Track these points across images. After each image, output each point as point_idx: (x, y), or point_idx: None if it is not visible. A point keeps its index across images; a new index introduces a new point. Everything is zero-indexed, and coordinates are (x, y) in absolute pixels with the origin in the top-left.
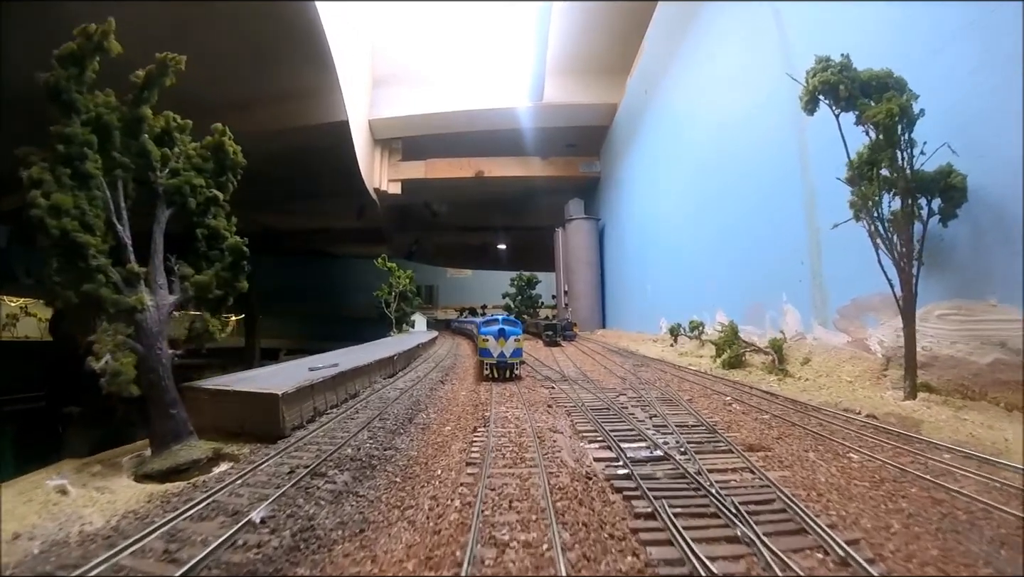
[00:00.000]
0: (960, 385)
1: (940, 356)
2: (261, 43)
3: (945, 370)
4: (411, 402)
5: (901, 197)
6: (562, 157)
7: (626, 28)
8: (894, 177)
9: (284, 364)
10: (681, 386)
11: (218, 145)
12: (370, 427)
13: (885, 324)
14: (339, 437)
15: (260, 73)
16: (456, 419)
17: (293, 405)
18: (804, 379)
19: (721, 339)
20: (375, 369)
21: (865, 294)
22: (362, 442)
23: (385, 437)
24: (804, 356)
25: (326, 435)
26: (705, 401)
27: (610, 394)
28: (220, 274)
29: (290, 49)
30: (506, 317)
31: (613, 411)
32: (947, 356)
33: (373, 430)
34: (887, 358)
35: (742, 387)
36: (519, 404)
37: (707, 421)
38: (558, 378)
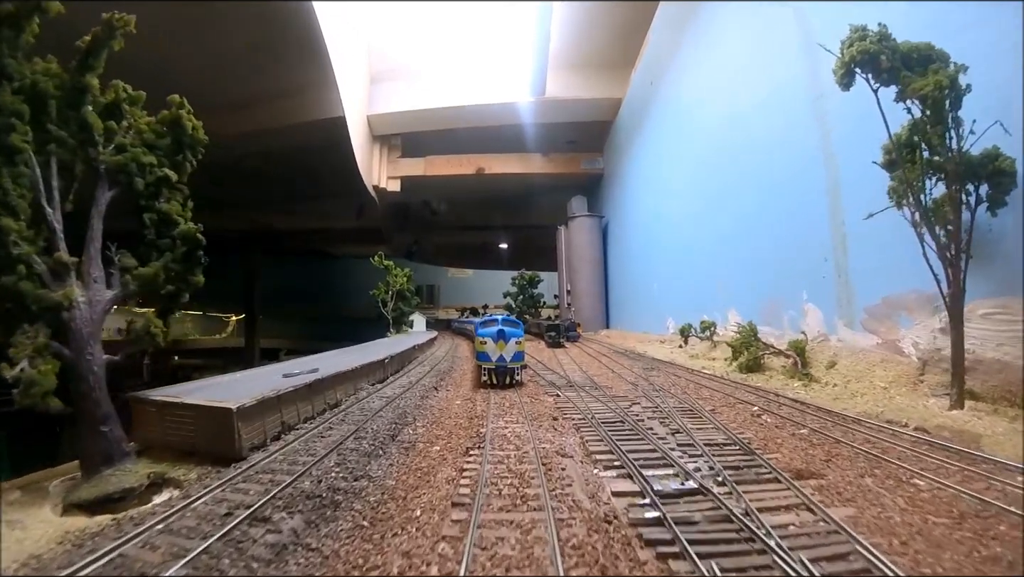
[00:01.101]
0: (1007, 392)
1: (984, 360)
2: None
3: (990, 375)
4: (397, 414)
5: (949, 182)
6: (564, 154)
7: (630, 21)
8: (941, 160)
9: (259, 369)
10: (699, 393)
11: (175, 119)
12: (342, 448)
13: (920, 324)
14: (301, 462)
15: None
16: (447, 436)
17: (253, 420)
18: (832, 385)
19: (737, 340)
20: (361, 374)
21: (897, 291)
22: (327, 470)
23: (358, 462)
24: (829, 359)
25: (287, 459)
26: (730, 412)
27: (622, 403)
28: (170, 266)
29: (285, 45)
30: (506, 317)
31: (628, 425)
32: (992, 360)
33: (345, 453)
34: (923, 361)
35: (766, 394)
36: (520, 417)
37: (738, 438)
38: (563, 384)
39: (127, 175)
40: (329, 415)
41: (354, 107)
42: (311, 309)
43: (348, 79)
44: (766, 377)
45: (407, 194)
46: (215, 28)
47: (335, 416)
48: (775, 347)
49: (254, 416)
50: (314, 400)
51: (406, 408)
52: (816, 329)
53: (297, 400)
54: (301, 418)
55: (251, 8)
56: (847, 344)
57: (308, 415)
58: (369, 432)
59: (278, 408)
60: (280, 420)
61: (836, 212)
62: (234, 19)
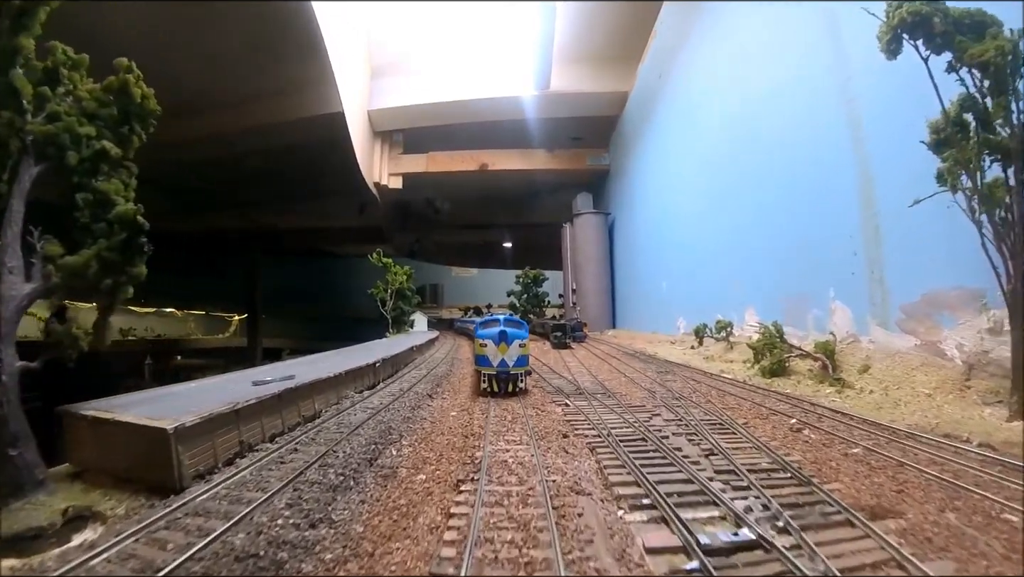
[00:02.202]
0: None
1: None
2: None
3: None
4: (380, 430)
5: (1011, 161)
6: (568, 150)
7: (636, 13)
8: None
9: (229, 375)
10: (725, 402)
11: (121, 86)
12: (303, 480)
13: (965, 324)
14: (246, 500)
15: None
16: (436, 459)
17: (199, 442)
18: (869, 391)
19: (760, 342)
20: (347, 381)
21: (939, 288)
22: (275, 515)
23: (318, 499)
24: (861, 362)
25: (230, 494)
26: (765, 425)
27: (640, 415)
28: (104, 255)
29: (282, 40)
30: (508, 317)
31: (652, 445)
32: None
33: (302, 487)
34: (968, 365)
35: (799, 403)
36: (524, 434)
37: (785, 461)
38: (572, 390)
39: (58, 148)
40: (303, 430)
41: (354, 102)
42: (313, 309)
43: (347, 74)
44: (793, 382)
45: (409, 192)
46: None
47: (307, 432)
48: (802, 349)
49: (201, 436)
50: (285, 413)
51: (393, 421)
52: (845, 329)
53: (262, 414)
54: (266, 435)
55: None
56: (881, 346)
57: (277, 431)
58: (341, 455)
59: (235, 425)
60: (238, 439)
61: (868, 202)
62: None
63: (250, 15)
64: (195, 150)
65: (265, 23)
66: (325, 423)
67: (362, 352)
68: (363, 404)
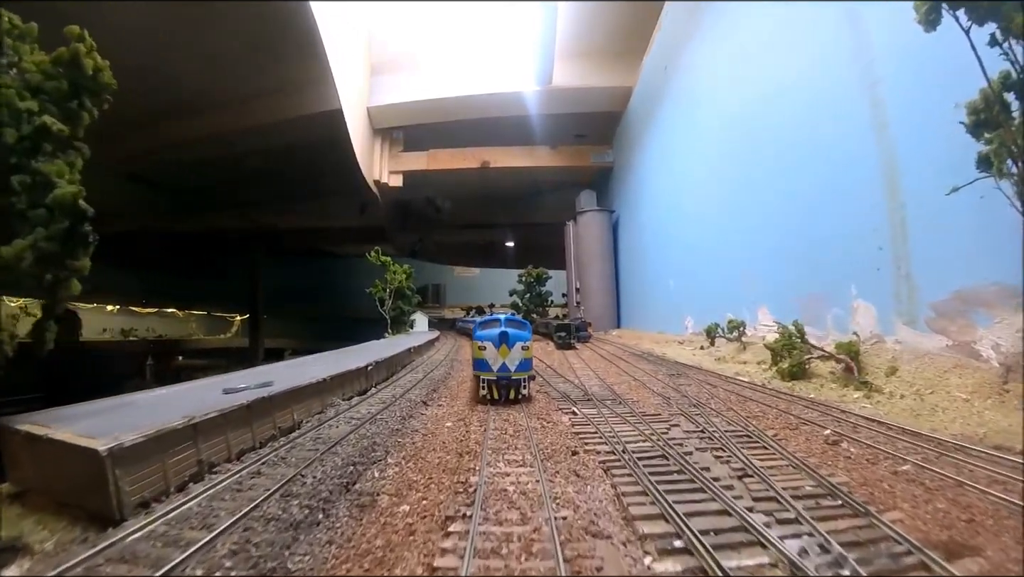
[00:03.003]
0: None
1: None
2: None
3: None
4: (363, 446)
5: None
6: (572, 146)
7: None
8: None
9: (201, 381)
10: (747, 409)
11: (72, 57)
12: (257, 515)
13: (1002, 322)
14: (183, 542)
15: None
16: (424, 484)
17: (145, 463)
18: (900, 396)
19: (778, 343)
20: (333, 387)
21: (973, 284)
22: (213, 566)
23: (273, 542)
24: (888, 364)
25: (169, 533)
26: (798, 437)
27: (657, 425)
28: (41, 245)
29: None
30: (510, 316)
31: (674, 464)
32: None
33: (255, 525)
34: (1006, 367)
35: (828, 410)
36: (527, 451)
37: (831, 484)
38: (579, 396)
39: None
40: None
41: (353, 99)
42: (315, 309)
43: (346, 71)
44: (815, 386)
45: (410, 191)
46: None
47: (278, 450)
48: (824, 350)
49: (147, 457)
50: (256, 426)
51: (379, 435)
52: (868, 329)
53: (228, 427)
54: (233, 453)
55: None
56: (908, 346)
57: (246, 446)
58: (311, 481)
59: (193, 441)
60: (197, 458)
61: (893, 193)
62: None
63: (249, 14)
64: (195, 150)
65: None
66: (302, 437)
67: (356, 354)
68: (349, 413)
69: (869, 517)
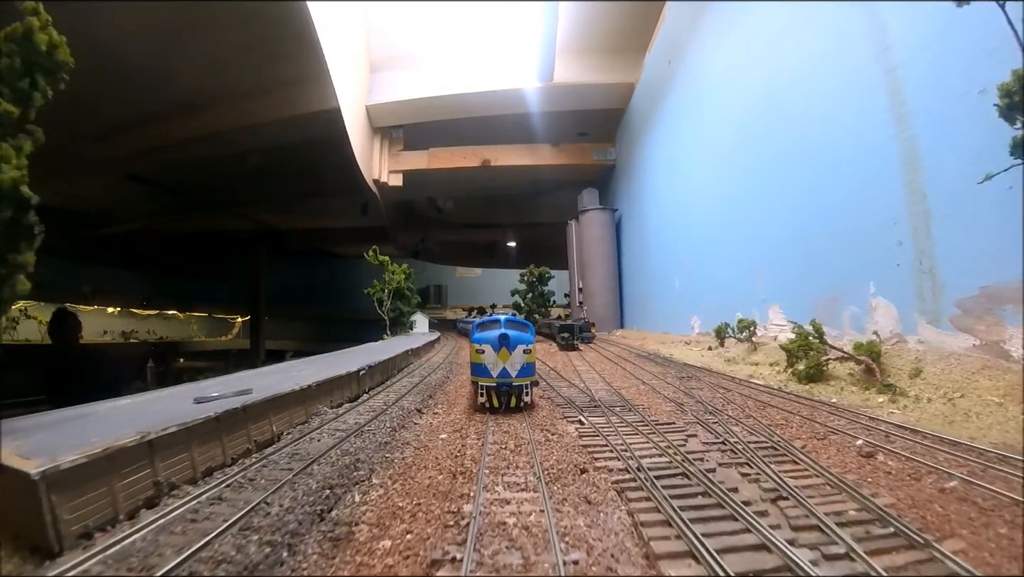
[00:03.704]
0: None
1: None
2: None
3: None
4: (345, 464)
5: None
6: (574, 144)
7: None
8: None
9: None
10: (767, 416)
11: (25, 33)
12: (206, 556)
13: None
14: None
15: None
16: (411, 513)
17: (89, 487)
18: (927, 399)
19: (795, 343)
20: (319, 394)
21: (1002, 280)
22: None
23: None
24: (911, 365)
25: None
26: (828, 449)
27: (672, 436)
28: None
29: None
30: (510, 317)
31: (698, 484)
32: None
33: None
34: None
35: (855, 416)
36: (529, 470)
37: (878, 506)
38: (586, 402)
39: None
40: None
41: (351, 97)
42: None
43: (344, 68)
44: (835, 389)
45: (411, 190)
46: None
47: (251, 467)
48: (843, 351)
49: (91, 480)
50: (228, 439)
51: (365, 450)
52: (888, 329)
53: (193, 443)
54: (199, 471)
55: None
56: (932, 346)
57: (215, 463)
58: (278, 509)
59: (149, 460)
60: (153, 479)
61: (914, 184)
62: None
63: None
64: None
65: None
66: (278, 452)
67: (349, 358)
68: (335, 424)
69: (929, 549)
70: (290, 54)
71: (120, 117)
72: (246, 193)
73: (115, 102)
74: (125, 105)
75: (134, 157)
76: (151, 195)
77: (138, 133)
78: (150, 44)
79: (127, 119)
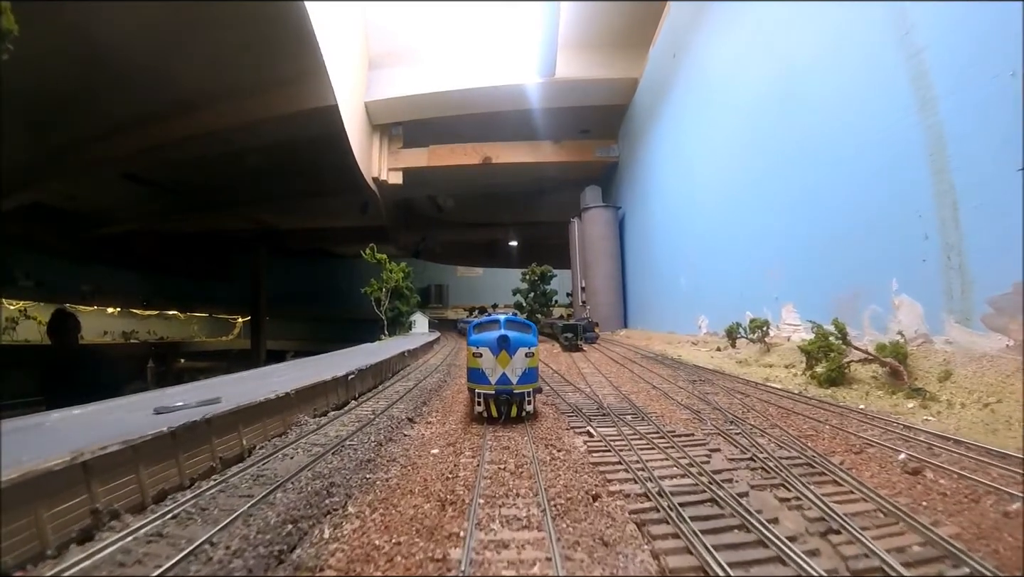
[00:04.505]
0: None
1: None
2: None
3: None
4: (315, 489)
5: None
6: (576, 140)
7: None
8: None
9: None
10: (793, 424)
11: None
12: None
13: None
14: None
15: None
16: (388, 556)
17: (11, 517)
18: (960, 404)
19: (813, 344)
20: (300, 402)
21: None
22: None
23: None
24: (940, 367)
25: None
26: (868, 464)
27: (693, 451)
28: None
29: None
30: (511, 317)
31: (732, 514)
32: None
33: None
34: None
35: (888, 424)
36: (532, 499)
37: (945, 540)
38: (593, 410)
39: None
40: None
41: (349, 94)
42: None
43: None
44: (859, 393)
45: (411, 189)
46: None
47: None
48: (868, 352)
49: (9, 511)
50: (186, 457)
51: (342, 470)
52: (913, 328)
53: (141, 463)
54: (149, 495)
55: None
56: (961, 347)
57: (171, 484)
58: (222, 553)
59: (85, 484)
60: (90, 507)
61: (941, 174)
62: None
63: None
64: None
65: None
66: (242, 473)
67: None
68: (315, 436)
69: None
70: (287, 51)
71: (119, 117)
72: (246, 193)
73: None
74: (124, 105)
75: (133, 156)
76: (151, 195)
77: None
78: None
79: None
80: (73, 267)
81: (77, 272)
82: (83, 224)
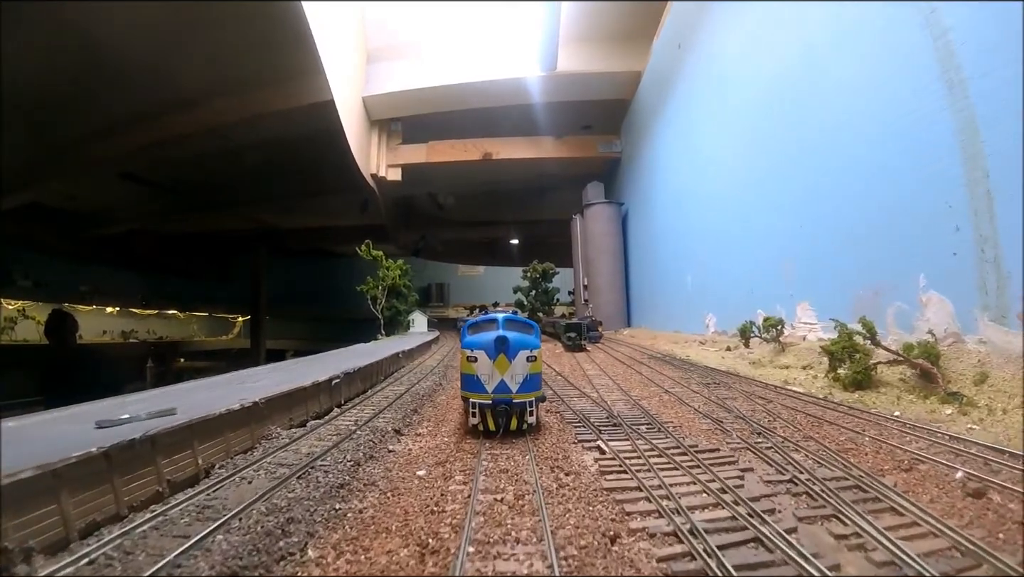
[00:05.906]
0: None
1: None
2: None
3: None
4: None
5: None
6: (577, 136)
7: None
8: None
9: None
10: (828, 435)
11: None
12: None
13: None
14: None
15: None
16: None
17: None
18: (1002, 411)
19: (837, 344)
20: (272, 413)
21: None
22: None
23: None
24: (976, 370)
25: None
26: (924, 485)
27: (722, 471)
28: None
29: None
30: (510, 316)
31: (780, 557)
32: None
33: None
34: None
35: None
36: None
37: None
38: (603, 419)
39: None
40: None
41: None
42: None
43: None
44: (888, 398)
45: (410, 186)
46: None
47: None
48: (899, 354)
49: None
50: (123, 482)
51: (307, 500)
52: (943, 327)
53: (63, 491)
54: (74, 529)
55: None
56: (997, 347)
57: (105, 515)
58: None
59: None
60: None
61: (974, 161)
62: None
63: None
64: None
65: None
66: (189, 502)
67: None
68: (283, 454)
69: None
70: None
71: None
72: (245, 193)
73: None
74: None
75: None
76: (150, 195)
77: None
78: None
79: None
80: (72, 267)
81: (76, 272)
82: (82, 224)
